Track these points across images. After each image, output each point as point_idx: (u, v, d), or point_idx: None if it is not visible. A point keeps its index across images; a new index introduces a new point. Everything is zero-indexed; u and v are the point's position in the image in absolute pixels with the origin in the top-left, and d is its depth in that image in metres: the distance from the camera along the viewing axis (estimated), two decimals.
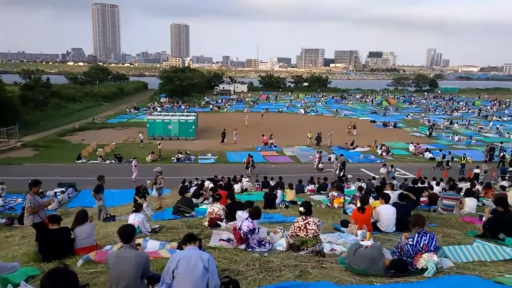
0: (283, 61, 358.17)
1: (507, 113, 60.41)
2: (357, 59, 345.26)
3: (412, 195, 10.28)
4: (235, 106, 66.08)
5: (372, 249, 4.86)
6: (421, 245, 4.91)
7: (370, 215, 7.70)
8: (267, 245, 6.09)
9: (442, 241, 6.25)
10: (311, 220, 6.04)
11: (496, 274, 4.45)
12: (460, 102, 76.37)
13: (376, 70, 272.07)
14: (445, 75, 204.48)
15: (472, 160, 28.99)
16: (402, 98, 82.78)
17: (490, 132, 42.87)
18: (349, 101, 77.97)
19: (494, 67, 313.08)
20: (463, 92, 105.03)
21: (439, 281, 4.19)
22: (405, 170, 26.82)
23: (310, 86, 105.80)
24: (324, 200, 14.03)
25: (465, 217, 9.44)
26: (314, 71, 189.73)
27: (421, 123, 49.46)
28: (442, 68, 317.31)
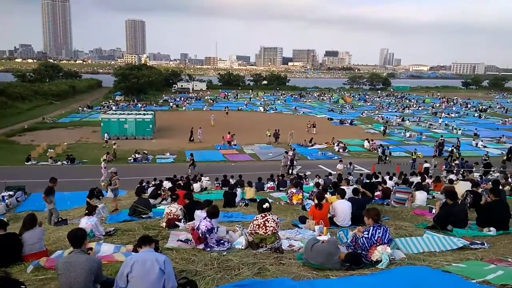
0: (242, 59, 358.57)
1: (454, 110, 63.89)
2: (314, 58, 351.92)
3: (368, 192, 10.62)
4: (194, 105, 65.33)
5: (328, 244, 4.96)
6: (375, 238, 5.07)
7: (328, 211, 7.87)
8: (226, 244, 6.05)
9: (395, 233, 6.49)
10: (270, 217, 6.07)
11: (444, 263, 4.67)
12: (412, 99, 79.82)
13: (333, 69, 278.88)
14: (397, 74, 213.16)
15: (423, 155, 30.42)
16: (357, 96, 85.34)
17: (439, 128, 45.16)
18: (307, 99, 79.37)
19: (443, 66, 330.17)
20: (414, 90, 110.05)
21: (391, 272, 4.34)
22: (361, 165, 27.69)
23: (269, 84, 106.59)
24: (283, 197, 14.19)
25: (416, 209, 9.89)
26: (273, 70, 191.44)
27: (375, 120, 51.25)
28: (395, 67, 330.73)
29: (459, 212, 7.29)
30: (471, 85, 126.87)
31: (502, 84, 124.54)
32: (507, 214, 7.47)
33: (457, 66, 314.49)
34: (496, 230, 6.90)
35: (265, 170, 24.59)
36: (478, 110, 63.05)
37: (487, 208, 7.39)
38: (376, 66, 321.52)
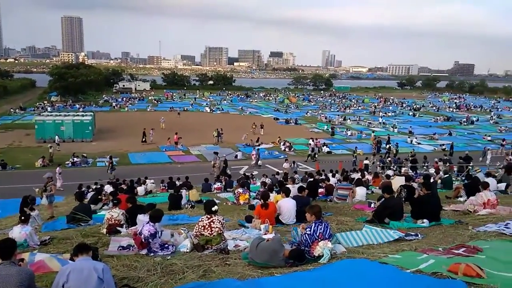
0: (187, 59, 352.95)
1: (391, 109, 67.59)
2: (259, 59, 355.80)
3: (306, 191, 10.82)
4: (138, 105, 63.34)
5: (273, 242, 5.02)
6: (317, 234, 5.22)
7: (274, 209, 7.97)
8: (170, 247, 5.92)
9: (336, 228, 6.73)
10: (216, 218, 6.03)
11: (382, 255, 4.91)
12: (352, 100, 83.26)
13: (278, 70, 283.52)
14: (339, 75, 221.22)
15: (363, 152, 31.89)
16: (302, 96, 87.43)
17: (378, 127, 47.55)
18: (253, 100, 79.99)
19: (380, 68, 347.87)
20: (354, 90, 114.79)
21: (332, 266, 4.49)
22: (306, 164, 28.46)
23: (215, 84, 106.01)
24: (230, 197, 14.18)
25: (357, 204, 10.31)
26: (219, 70, 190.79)
27: (319, 119, 52.83)
28: (336, 68, 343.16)
29: (395, 206, 7.71)
30: (406, 85, 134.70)
31: (434, 85, 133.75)
32: (438, 206, 8.04)
33: (393, 68, 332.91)
34: (428, 222, 7.38)
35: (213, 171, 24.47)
36: (413, 109, 67.12)
37: (420, 201, 7.88)
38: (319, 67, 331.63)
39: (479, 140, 39.49)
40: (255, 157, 28.49)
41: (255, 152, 28.94)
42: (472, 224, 6.92)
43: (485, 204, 8.51)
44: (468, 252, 4.79)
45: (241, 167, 27.27)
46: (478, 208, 8.43)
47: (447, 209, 8.80)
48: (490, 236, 5.88)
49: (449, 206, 9.23)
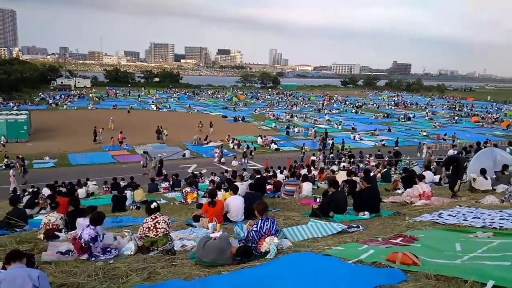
0: (131, 55, 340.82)
1: (335, 106, 70.03)
2: (207, 56, 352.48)
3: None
4: (77, 103, 60.24)
5: (220, 240, 5.00)
6: (264, 230, 5.27)
7: (221, 207, 7.93)
8: (113, 251, 5.68)
9: (283, 224, 6.84)
10: (161, 218, 5.88)
11: (326, 247, 5.07)
12: (299, 97, 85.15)
13: (226, 67, 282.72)
14: (285, 73, 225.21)
15: (309, 149, 32.75)
16: (250, 94, 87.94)
17: (323, 124, 49.04)
18: (201, 97, 79.24)
19: (325, 67, 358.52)
20: (300, 88, 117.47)
21: (278, 261, 4.56)
22: (254, 161, 28.68)
23: (162, 81, 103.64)
24: (178, 197, 13.94)
25: (303, 199, 10.55)
26: (165, 67, 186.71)
27: (267, 117, 53.46)
28: (283, 66, 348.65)
29: (339, 200, 8.00)
30: (348, 84, 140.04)
31: (375, 83, 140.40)
32: (378, 198, 8.45)
33: (336, 67, 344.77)
34: (369, 214, 7.74)
35: None
36: (355, 106, 70.04)
37: (361, 194, 8.24)
38: (266, 66, 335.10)
39: (416, 136, 42.05)
40: (218, 154, 28.45)
41: (218, 150, 28.97)
42: (409, 215, 7.34)
43: (421, 196, 9.06)
44: (405, 241, 5.07)
45: (189, 165, 26.90)
46: (414, 199, 8.96)
47: (386, 201, 9.28)
48: (425, 225, 6.26)
49: (388, 198, 9.74)
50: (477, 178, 10.66)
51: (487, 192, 9.93)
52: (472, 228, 5.66)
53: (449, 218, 6.54)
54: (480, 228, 5.61)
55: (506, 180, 10.67)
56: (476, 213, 6.85)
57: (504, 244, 4.50)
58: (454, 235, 5.34)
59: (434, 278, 3.40)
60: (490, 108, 73.54)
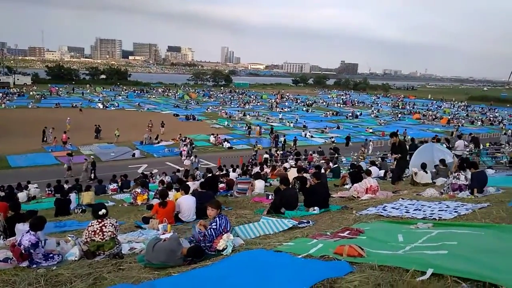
0: (75, 51, 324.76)
1: (287, 105, 71.15)
2: (156, 53, 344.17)
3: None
4: (17, 102, 56.47)
5: (170, 241, 4.89)
6: (221, 227, 5.26)
7: (172, 208, 7.78)
8: (55, 257, 5.37)
9: (236, 222, 6.84)
10: (108, 221, 5.65)
11: (277, 244, 5.12)
12: (251, 96, 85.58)
13: (176, 65, 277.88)
14: (238, 71, 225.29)
15: (262, 147, 33.05)
16: (202, 92, 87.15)
17: (275, 122, 49.66)
18: (151, 95, 77.30)
19: (276, 65, 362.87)
20: (253, 87, 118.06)
21: (229, 260, 4.55)
22: (207, 160, 28.45)
23: (108, 79, 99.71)
24: (127, 198, 13.50)
25: (255, 197, 10.62)
26: (112, 63, 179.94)
27: (219, 115, 53.24)
28: (235, 65, 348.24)
29: (290, 196, 8.13)
30: (299, 82, 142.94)
31: (324, 82, 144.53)
32: (327, 194, 8.69)
33: (288, 66, 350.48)
34: (319, 209, 7.94)
35: (107, 171, 23.04)
36: (306, 104, 71.65)
37: (311, 190, 8.43)
38: (218, 63, 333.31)
39: (363, 132, 43.81)
40: (186, 152, 28.06)
41: (186, 148, 28.76)
42: (356, 209, 7.62)
43: (367, 190, 9.46)
44: (352, 234, 5.25)
45: (139, 166, 26.16)
46: (361, 193, 9.33)
47: (335, 196, 9.57)
48: (370, 218, 6.53)
49: (337, 193, 10.05)
50: (418, 172, 11.30)
51: (428, 185, 10.56)
52: (413, 220, 5.97)
53: (392, 211, 6.87)
54: (421, 220, 5.94)
55: (444, 173, 11.41)
56: (418, 205, 7.25)
57: (442, 234, 4.79)
58: (397, 226, 5.61)
59: (378, 268, 3.54)
60: (430, 106, 78.19)
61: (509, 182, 9.72)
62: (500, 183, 9.50)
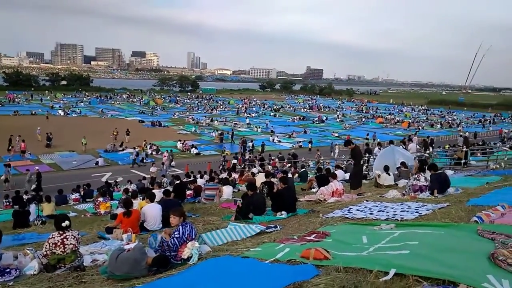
0: (34, 56, 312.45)
1: (254, 110, 71.44)
2: (120, 58, 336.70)
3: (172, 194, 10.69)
4: None
5: (134, 251, 4.76)
6: (185, 235, 5.17)
7: (137, 217, 7.60)
8: (12, 272, 5.11)
9: (203, 229, 6.76)
10: (70, 233, 5.43)
11: (244, 250, 5.10)
12: (218, 101, 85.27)
13: (141, 70, 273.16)
14: (205, 77, 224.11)
15: (231, 152, 32.97)
16: (168, 98, 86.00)
17: (243, 127, 49.71)
18: (115, 101, 75.49)
19: (243, 71, 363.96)
20: (220, 92, 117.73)
21: (196, 268, 4.48)
22: (175, 167, 28.04)
23: (70, 85, 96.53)
24: (89, 208, 13.07)
25: (223, 203, 10.57)
26: (74, 69, 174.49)
27: (186, 121, 52.67)
28: (202, 70, 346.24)
29: (257, 201, 8.15)
30: (266, 88, 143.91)
31: (290, 87, 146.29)
32: (294, 198, 8.77)
33: (254, 71, 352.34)
34: (286, 213, 8.00)
35: (70, 181, 22.28)
36: (273, 110, 72.21)
37: (278, 195, 8.48)
38: (184, 69, 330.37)
39: (329, 136, 44.63)
40: (167, 158, 27.70)
41: (167, 154, 28.35)
42: (322, 212, 7.72)
43: (334, 193, 9.62)
44: (318, 238, 5.31)
45: (103, 174, 25.42)
46: (328, 197, 9.48)
47: (302, 200, 9.68)
48: (336, 221, 6.63)
49: (304, 197, 10.17)
50: (381, 174, 11.63)
51: (391, 187, 10.88)
52: (377, 221, 6.12)
53: (357, 213, 7.02)
54: (384, 221, 6.09)
55: (406, 175, 11.79)
56: (381, 206, 7.45)
57: (404, 234, 4.94)
58: (362, 228, 5.73)
59: (344, 270, 3.60)
60: (392, 110, 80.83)
61: (467, 182, 10.18)
62: (459, 183, 9.94)
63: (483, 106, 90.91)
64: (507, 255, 3.63)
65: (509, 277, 3.17)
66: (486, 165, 16.05)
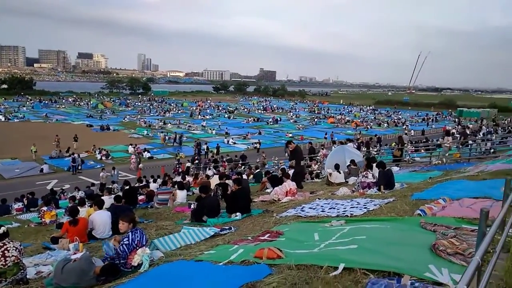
0: None
1: (208, 112, 70.88)
2: (66, 60, 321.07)
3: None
4: None
5: (80, 261, 4.55)
6: (135, 242, 5.01)
7: (85, 225, 7.28)
8: None
9: (156, 234, 6.60)
10: (11, 245, 5.09)
11: (198, 253, 5.04)
12: (171, 104, 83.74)
13: (89, 72, 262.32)
14: (156, 79, 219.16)
15: (185, 155, 32.46)
16: (118, 101, 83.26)
17: (197, 130, 49.12)
18: (61, 105, 71.93)
19: (196, 73, 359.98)
20: (173, 94, 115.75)
21: (147, 275, 4.36)
22: (126, 172, 27.14)
23: (11, 88, 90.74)
24: (34, 218, 12.33)
25: (177, 207, 10.39)
26: (15, 72, 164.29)
27: (138, 124, 51.24)
28: (153, 72, 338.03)
29: (211, 204, 8.10)
30: (220, 90, 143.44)
31: (244, 89, 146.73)
32: (248, 199, 8.80)
33: (208, 73, 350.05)
34: (241, 214, 8.00)
35: (13, 190, 20.94)
36: (228, 111, 72.10)
37: (232, 196, 8.47)
38: (135, 71, 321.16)
39: (283, 137, 45.24)
40: (134, 161, 27.13)
41: (135, 157, 27.73)
42: (276, 211, 7.82)
43: (287, 193, 9.76)
44: (272, 237, 5.36)
45: (49, 181, 24.11)
46: (282, 196, 9.60)
47: (257, 201, 9.73)
48: (289, 219, 6.74)
49: (259, 197, 10.23)
50: (333, 172, 11.98)
51: (341, 185, 11.24)
52: (328, 218, 6.29)
53: (310, 211, 7.18)
54: (335, 217, 6.28)
55: (355, 172, 12.22)
56: (332, 204, 7.67)
57: (353, 229, 5.11)
58: (314, 225, 5.86)
59: (296, 268, 3.66)
60: (342, 110, 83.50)
61: (412, 178, 10.74)
62: (404, 179, 10.47)
63: (426, 105, 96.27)
64: (447, 245, 3.87)
65: (449, 266, 3.38)
66: (429, 161, 17.02)
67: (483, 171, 9.65)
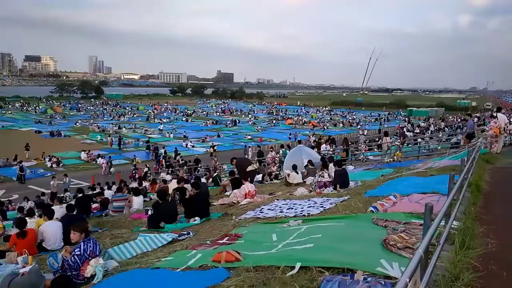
0: None
1: (165, 115, 69.57)
2: (11, 63, 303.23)
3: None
4: None
5: (29, 275, 4.33)
6: (88, 252, 4.84)
7: (34, 237, 6.91)
8: None
9: (110, 243, 6.39)
10: None
11: (155, 260, 4.93)
12: (126, 107, 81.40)
13: (37, 76, 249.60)
14: (110, 82, 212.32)
15: (141, 160, 31.65)
16: (69, 105, 79.96)
17: (154, 133, 48.06)
18: (7, 111, 67.91)
19: (152, 75, 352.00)
20: (127, 98, 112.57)
21: (101, 285, 4.23)
22: (79, 179, 26.04)
23: None
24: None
25: (134, 214, 10.11)
26: None
27: (91, 129, 49.40)
28: (106, 75, 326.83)
29: (168, 209, 7.96)
30: (177, 92, 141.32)
31: (202, 91, 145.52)
32: (207, 203, 8.74)
33: (164, 75, 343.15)
34: (200, 219, 7.93)
35: None
36: (185, 114, 71.14)
37: (191, 201, 8.38)
38: (86, 74, 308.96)
39: (242, 139, 45.34)
40: (105, 165, 26.83)
41: (105, 161, 27.40)
42: (235, 214, 7.82)
43: (246, 195, 9.79)
44: (230, 240, 5.36)
45: None
46: (241, 199, 9.62)
47: (216, 204, 9.68)
48: (248, 221, 6.76)
49: (218, 201, 10.19)
50: (291, 173, 12.16)
51: (299, 185, 11.43)
52: (286, 218, 6.38)
53: (268, 212, 7.24)
54: (293, 217, 6.38)
55: (313, 172, 12.47)
56: (290, 204, 7.79)
57: (309, 229, 5.22)
58: (272, 226, 5.92)
59: (254, 270, 3.68)
60: (300, 112, 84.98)
61: (366, 176, 11.12)
62: (358, 177, 10.82)
63: (378, 106, 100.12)
64: (397, 240, 4.05)
65: (399, 260, 3.53)
66: (381, 159, 17.72)
67: (431, 167, 10.19)
